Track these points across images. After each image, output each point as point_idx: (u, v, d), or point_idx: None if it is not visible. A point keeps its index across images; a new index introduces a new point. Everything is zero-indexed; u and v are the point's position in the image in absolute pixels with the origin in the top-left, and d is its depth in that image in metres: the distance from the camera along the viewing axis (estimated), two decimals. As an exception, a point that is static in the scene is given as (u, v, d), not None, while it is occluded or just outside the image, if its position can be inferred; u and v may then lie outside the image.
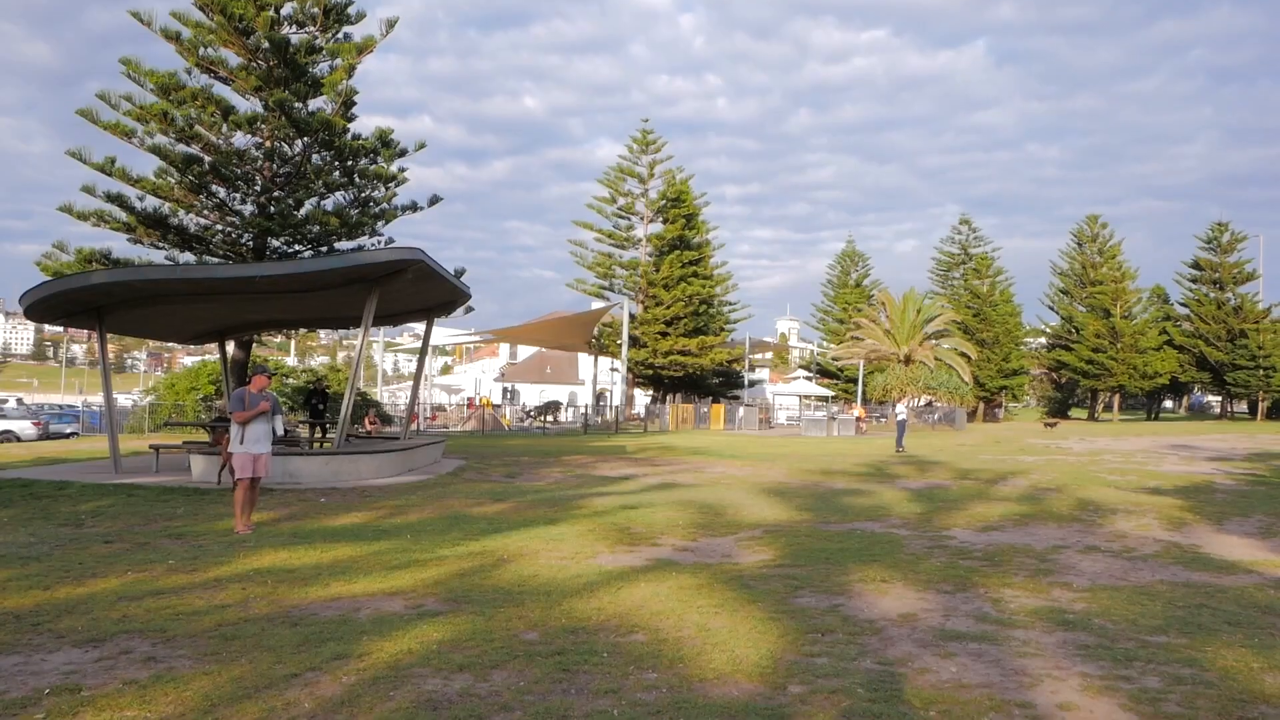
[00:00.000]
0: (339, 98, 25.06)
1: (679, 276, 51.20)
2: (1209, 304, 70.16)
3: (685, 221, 52.76)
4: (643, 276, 52.36)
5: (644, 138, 54.20)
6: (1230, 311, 69.04)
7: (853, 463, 21.87)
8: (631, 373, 51.65)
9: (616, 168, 54.02)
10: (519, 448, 26.49)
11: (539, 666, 5.34)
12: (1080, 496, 14.62)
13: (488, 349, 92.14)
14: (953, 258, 73.10)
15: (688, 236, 53.11)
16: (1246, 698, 4.94)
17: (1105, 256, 70.98)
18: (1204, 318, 69.81)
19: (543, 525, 10.91)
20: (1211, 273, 70.61)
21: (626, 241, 54.32)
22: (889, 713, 4.64)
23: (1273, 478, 18.61)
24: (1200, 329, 69.91)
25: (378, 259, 15.96)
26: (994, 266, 70.11)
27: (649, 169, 54.35)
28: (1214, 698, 4.93)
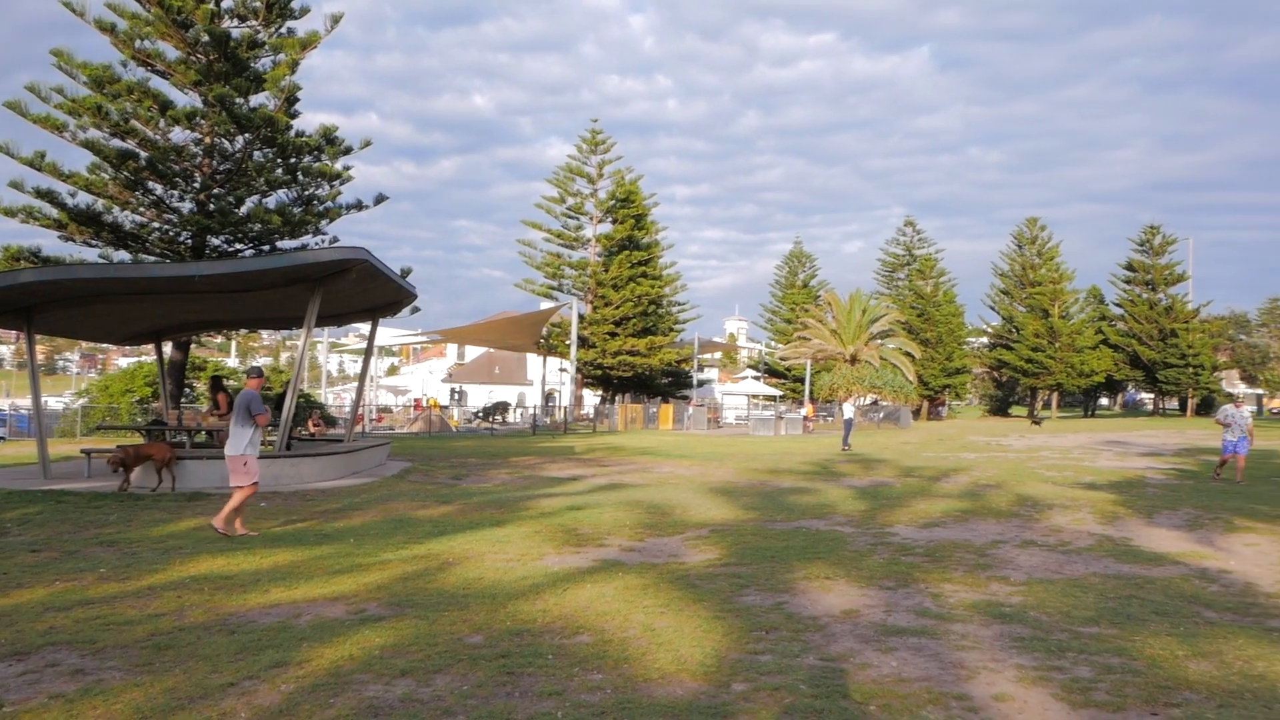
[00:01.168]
0: (282, 94, 24.67)
1: (628, 277, 51.21)
2: (1142, 304, 71.88)
3: (634, 222, 52.78)
4: (592, 277, 52.29)
5: (593, 138, 54.15)
6: (1162, 312, 70.79)
7: (799, 461, 22.04)
8: (580, 373, 51.55)
9: (566, 167, 53.92)
10: (466, 449, 26.31)
11: (483, 670, 5.30)
12: (1019, 492, 14.89)
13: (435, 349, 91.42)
14: (898, 259, 74.03)
15: (637, 237, 53.14)
16: (1171, 685, 5.08)
17: (1044, 258, 72.31)
18: (1137, 318, 71.52)
19: (489, 527, 10.84)
20: (1144, 274, 72.34)
21: (575, 242, 54.22)
22: (830, 708, 4.69)
23: (1201, 472, 19.10)
24: (1134, 328, 71.62)
25: (321, 258, 15.74)
26: (937, 268, 71.12)
27: (598, 169, 54.30)
28: (1141, 685, 5.06)
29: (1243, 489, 15.58)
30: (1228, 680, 5.18)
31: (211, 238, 24.47)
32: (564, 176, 53.87)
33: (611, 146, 54.38)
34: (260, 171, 24.78)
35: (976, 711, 4.70)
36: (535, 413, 45.78)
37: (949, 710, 4.71)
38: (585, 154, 54.17)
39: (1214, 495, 14.65)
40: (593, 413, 49.26)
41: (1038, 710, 4.73)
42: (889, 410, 52.44)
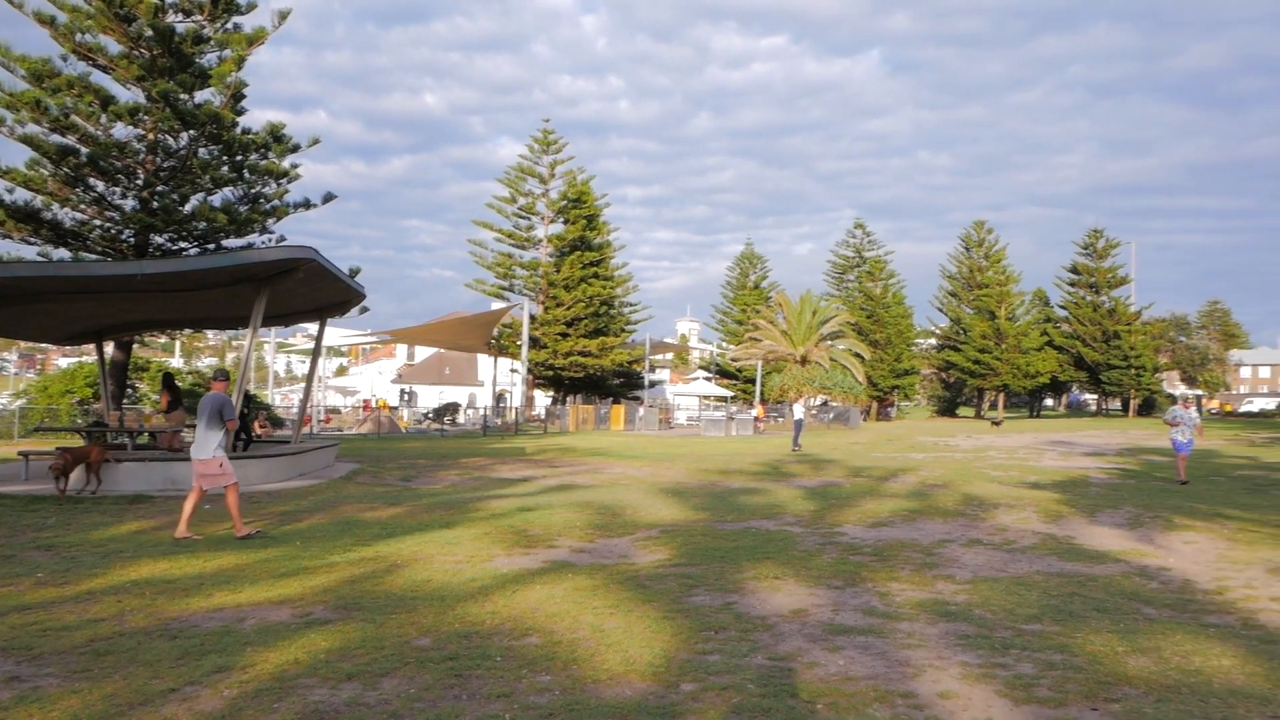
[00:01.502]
0: (228, 90, 24.28)
1: (580, 277, 51.13)
2: (1086, 307, 73.38)
3: (586, 222, 52.71)
4: (543, 277, 52.14)
5: (545, 138, 53.99)
6: (1105, 314, 72.34)
7: (750, 462, 22.16)
8: (532, 374, 51.36)
9: (517, 167, 53.68)
10: (416, 450, 26.09)
11: (430, 673, 5.26)
12: (965, 492, 15.10)
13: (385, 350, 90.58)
14: (848, 261, 74.77)
15: (589, 237, 53.07)
16: (1112, 680, 5.19)
17: (991, 261, 73.48)
18: (1081, 320, 73.01)
19: (438, 529, 10.76)
20: (1088, 277, 73.87)
21: (527, 242, 54.00)
22: (778, 707, 4.72)
23: (1142, 471, 19.52)
24: (1078, 330, 73.10)
25: (267, 257, 15.52)
26: (887, 270, 71.92)
27: (550, 169, 54.15)
28: (1082, 681, 5.16)
29: (1183, 489, 15.95)
30: (1165, 675, 5.29)
31: (155, 236, 24.01)
32: (515, 176, 53.66)
33: (563, 147, 54.29)
34: (205, 169, 24.37)
35: (922, 709, 4.76)
36: (486, 414, 45.54)
37: (895, 708, 4.76)
38: (537, 154, 54.00)
39: (1154, 494, 14.99)
40: (544, 414, 49.12)
41: (981, 707, 4.80)
42: (839, 411, 52.93)
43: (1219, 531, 10.96)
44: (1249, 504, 13.77)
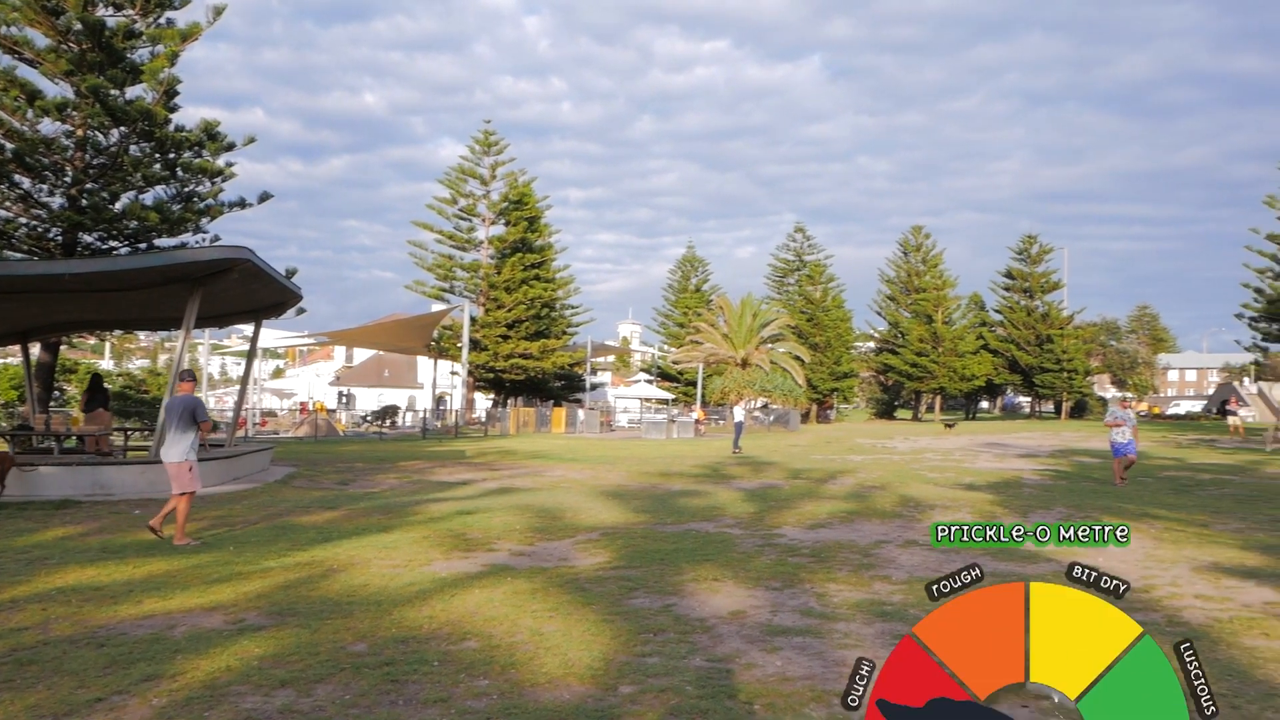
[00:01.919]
0: (160, 86, 23.75)
1: (521, 279, 50.90)
2: (1020, 311, 74.91)
3: (528, 224, 52.50)
4: (484, 279, 51.80)
5: (486, 139, 53.67)
6: (1039, 318, 73.90)
7: (690, 464, 22.25)
8: (472, 376, 51.03)
9: (458, 168, 53.28)
10: (354, 453, 25.77)
11: (366, 678, 5.21)
12: (902, 493, 15.32)
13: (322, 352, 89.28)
14: (788, 264, 75.44)
15: (530, 239, 52.86)
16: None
17: (928, 265, 74.66)
18: (1015, 324, 74.52)
19: (375, 533, 10.64)
20: (1022, 282, 75.41)
21: (468, 243, 53.62)
22: (715, 709, 4.75)
23: (1074, 472, 19.98)
24: (1012, 334, 74.58)
25: (200, 257, 15.22)
26: (827, 273, 72.69)
27: (491, 170, 53.84)
28: (1015, 681, 5.25)
29: (1116, 490, 16.34)
30: (1091, 671, 5.42)
31: (84, 235, 23.40)
32: (456, 177, 53.27)
33: (505, 148, 54.05)
34: (137, 166, 23.81)
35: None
36: (425, 416, 45.14)
37: (831, 708, 4.82)
38: (478, 155, 53.69)
39: (1085, 495, 15.34)
40: (484, 416, 48.83)
41: (915, 704, 4.87)
42: (779, 413, 53.36)
43: (1146, 531, 11.25)
44: (1175, 504, 14.16)
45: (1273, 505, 14.04)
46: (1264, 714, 4.75)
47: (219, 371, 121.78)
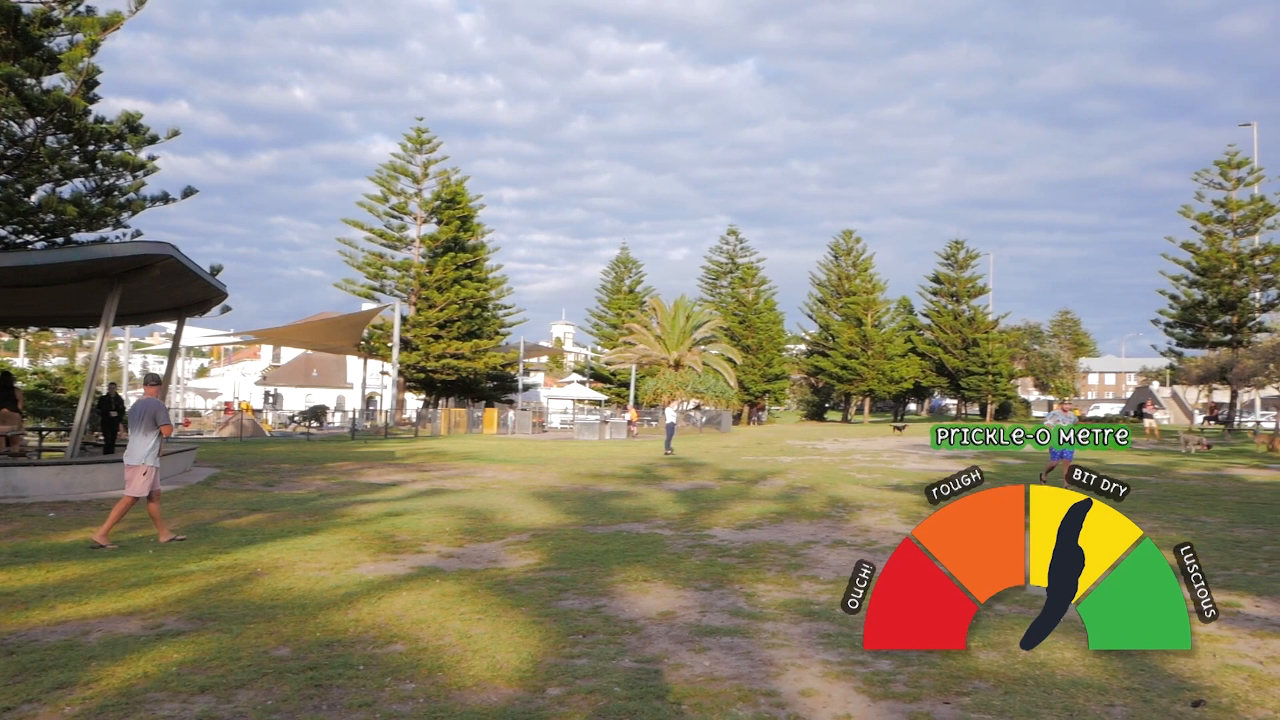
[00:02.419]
0: (79, 76, 23.01)
1: (453, 279, 50.42)
2: (947, 315, 76.47)
3: (460, 223, 52.04)
4: (415, 278, 51.20)
5: (419, 136, 53.06)
6: (965, 322, 75.53)
7: (622, 465, 22.27)
8: (403, 376, 50.42)
9: (390, 166, 52.56)
10: (280, 454, 25.30)
11: (289, 683, 5.11)
12: (831, 494, 15.52)
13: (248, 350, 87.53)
14: (721, 267, 75.98)
15: (463, 238, 52.39)
16: (964, 674, 5.41)
17: (859, 269, 75.77)
18: (943, 327, 76.05)
19: (301, 535, 10.45)
20: (949, 286, 76.99)
21: (399, 242, 52.93)
22: (643, 709, 4.75)
23: (996, 473, 20.43)
24: (939, 338, 76.10)
25: (120, 253, 14.81)
26: (759, 276, 73.37)
27: (423, 168, 53.24)
28: (936, 676, 5.36)
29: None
30: (1013, 669, 5.55)
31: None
32: (388, 175, 52.57)
33: (438, 146, 53.51)
34: (54, 158, 23.05)
35: (784, 707, 4.87)
36: (355, 417, 44.50)
37: (758, 707, 4.86)
38: (410, 153, 53.06)
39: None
40: (415, 417, 48.30)
41: (841, 704, 4.94)
42: (711, 415, 53.68)
43: (1064, 530, 11.54)
44: (1091, 504, 14.53)
45: (1185, 504, 14.53)
46: (1174, 707, 4.91)
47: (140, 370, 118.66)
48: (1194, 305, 53.66)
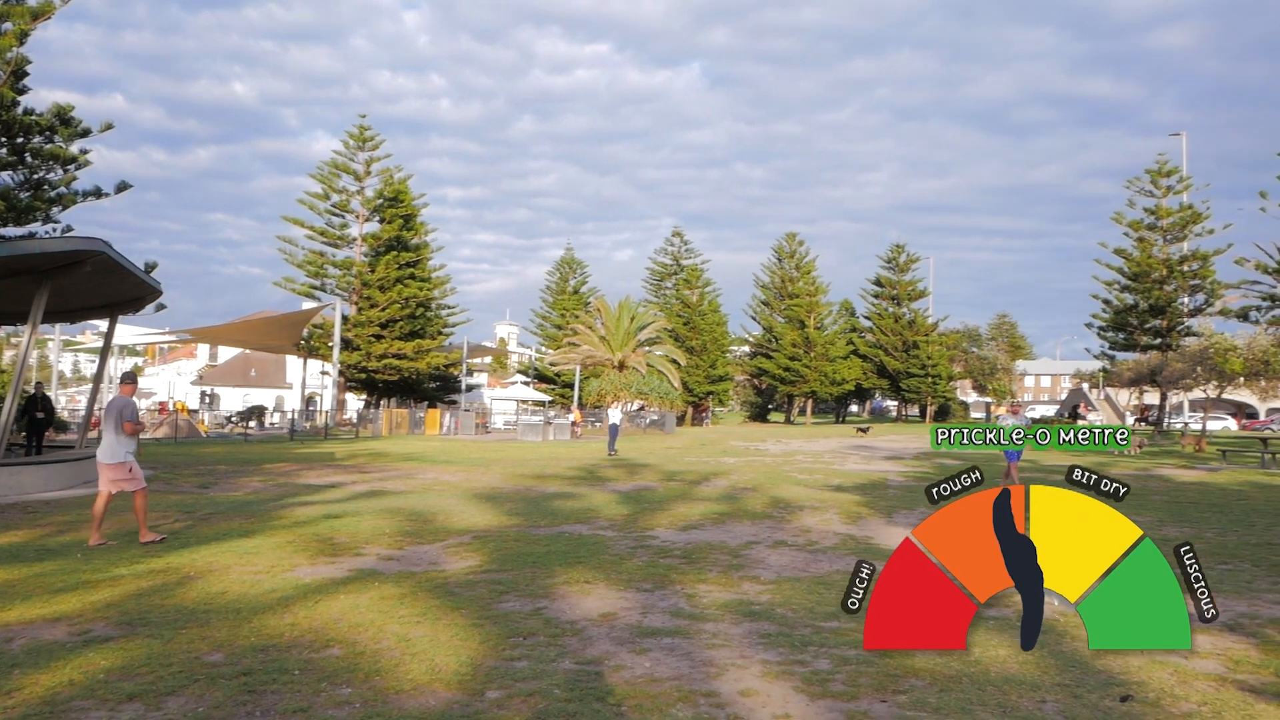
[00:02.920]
0: (8, 66, 22.41)
1: (395, 278, 49.91)
2: (888, 318, 77.52)
3: (403, 222, 51.54)
4: (357, 277, 50.58)
5: (361, 133, 52.42)
6: (905, 325, 76.66)
7: (566, 467, 22.20)
8: (344, 376, 49.79)
9: (331, 163, 51.86)
10: (216, 456, 24.83)
11: (221, 689, 5.01)
12: (773, 495, 15.62)
13: (185, 350, 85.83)
14: (666, 268, 76.20)
15: (405, 237, 51.89)
16: (900, 673, 5.47)
17: (802, 272, 76.45)
18: (884, 330, 77.09)
19: (236, 538, 10.25)
20: (890, 289, 78.06)
21: (341, 240, 52.23)
22: (583, 711, 4.73)
23: (936, 474, 20.73)
24: (880, 340, 77.12)
25: (49, 249, 14.43)
26: (703, 278, 73.73)
27: (366, 166, 52.62)
28: (874, 675, 5.42)
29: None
30: (949, 666, 5.62)
31: (-81, 221, 21.89)
32: (329, 172, 51.86)
33: (381, 144, 52.92)
34: (-20, 151, 22.42)
35: (723, 707, 4.88)
36: (294, 417, 43.84)
37: (697, 707, 4.86)
38: (353, 150, 52.41)
39: (943, 495, 15.89)
40: (356, 417, 47.74)
41: (780, 703, 4.97)
42: (655, 416, 53.78)
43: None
44: (1026, 504, 14.80)
45: (1115, 504, 14.82)
46: (1103, 702, 5.01)
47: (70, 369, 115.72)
48: (1126, 310, 54.96)
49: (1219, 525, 12.37)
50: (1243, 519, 12.95)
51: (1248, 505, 14.72)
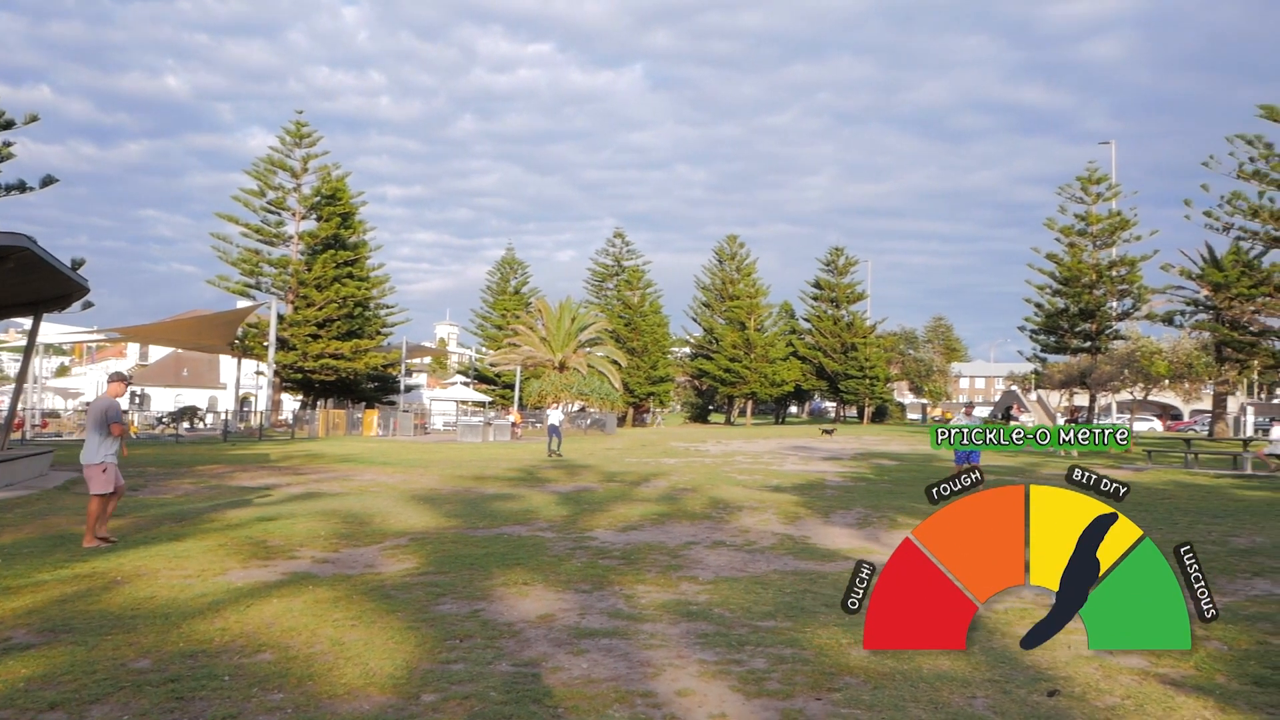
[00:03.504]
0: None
1: (333, 277, 49.18)
2: (827, 320, 78.41)
3: (341, 220, 50.82)
4: (293, 275, 49.75)
5: (298, 130, 51.57)
6: (844, 327, 77.59)
7: (506, 468, 22.09)
8: (279, 376, 48.96)
9: (267, 159, 50.89)
10: (147, 457, 24.26)
11: (148, 697, 4.90)
12: (712, 495, 15.70)
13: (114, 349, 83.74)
14: (607, 269, 76.14)
15: (343, 236, 51.18)
16: (835, 670, 5.54)
17: (742, 274, 76.92)
18: (823, 332, 77.96)
19: (166, 542, 10.03)
20: (830, 292, 78.95)
21: (277, 238, 51.30)
22: (519, 713, 4.72)
23: (872, 475, 21.02)
24: (819, 342, 77.96)
25: (-31, 244, 13.96)
26: (645, 279, 73.82)
27: (303, 163, 51.77)
28: (809, 673, 5.48)
29: (909, 491, 17.24)
30: (882, 664, 5.70)
31: None
32: (265, 169, 50.91)
33: (318, 140, 52.11)
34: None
35: (660, 707, 4.89)
36: (228, 418, 43.00)
37: (634, 708, 4.87)
38: (289, 146, 51.53)
39: (882, 496, 16.15)
40: (292, 418, 46.97)
41: (716, 702, 5.00)
42: (596, 417, 53.75)
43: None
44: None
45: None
46: (1030, 697, 5.12)
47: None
48: (1057, 313, 56.23)
49: (1144, 523, 12.64)
50: (1166, 517, 13.31)
51: (1171, 504, 15.14)
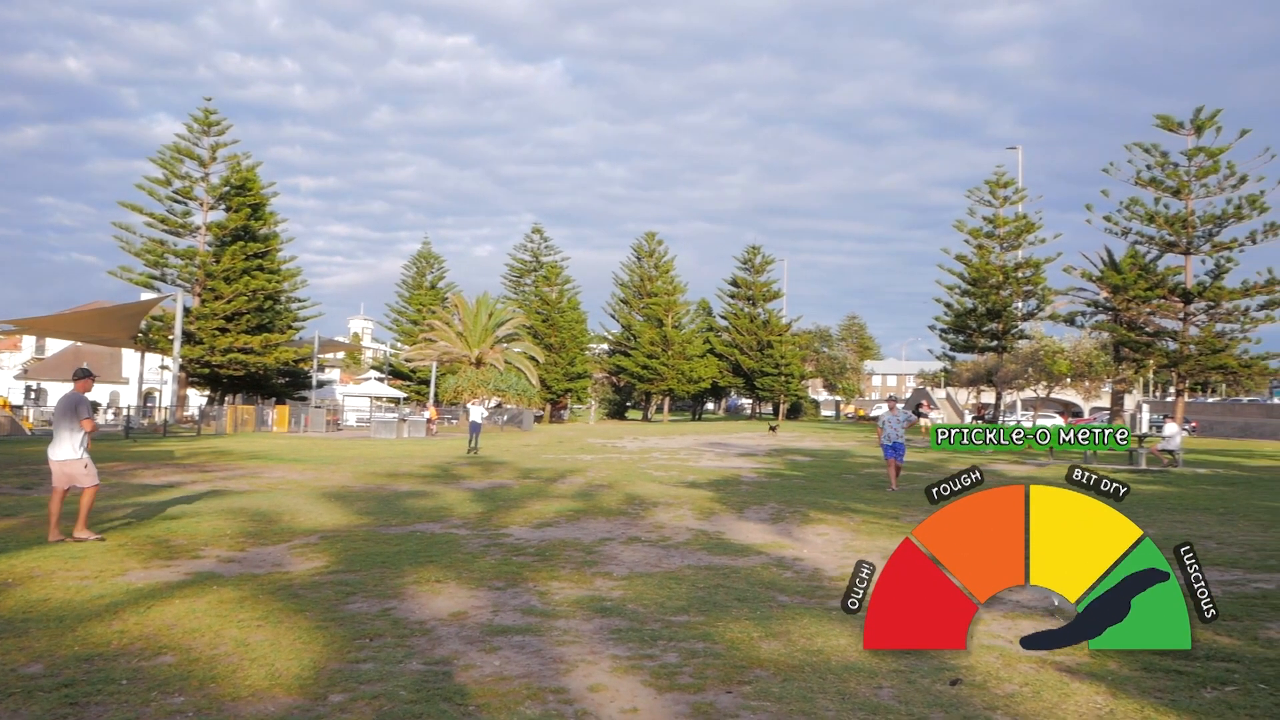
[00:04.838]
0: None
1: (242, 269, 47.96)
2: (744, 318, 79.29)
3: (251, 211, 49.56)
4: (200, 267, 48.35)
5: (206, 117, 50.12)
6: (760, 325, 78.56)
7: (420, 464, 21.83)
8: (185, 371, 47.56)
9: (174, 147, 49.31)
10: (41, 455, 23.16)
11: (40, 703, 4.72)
12: (628, 492, 15.75)
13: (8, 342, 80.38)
14: (525, 265, 75.79)
15: (253, 227, 49.93)
16: (746, 664, 5.61)
17: (661, 271, 77.31)
18: (740, 330, 78.82)
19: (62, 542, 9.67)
20: (746, 290, 79.86)
21: (183, 229, 49.78)
22: (429, 712, 4.67)
23: (786, 471, 21.32)
24: (736, 340, 78.81)
25: None
26: (563, 275, 73.64)
27: (211, 152, 50.32)
28: (721, 666, 5.54)
29: (819, 487, 17.51)
30: (792, 656, 5.79)
31: None
32: (171, 157, 49.35)
33: (228, 129, 50.74)
34: None
35: (572, 703, 4.89)
36: (130, 414, 41.62)
37: (546, 704, 4.86)
38: (197, 134, 50.05)
39: (795, 491, 16.39)
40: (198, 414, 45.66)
41: (628, 697, 5.01)
42: (512, 413, 53.44)
43: (846, 524, 12.17)
44: (873, 499, 15.42)
45: (952, 498, 15.55)
46: (934, 686, 5.25)
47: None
48: (965, 313, 57.75)
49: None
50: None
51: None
